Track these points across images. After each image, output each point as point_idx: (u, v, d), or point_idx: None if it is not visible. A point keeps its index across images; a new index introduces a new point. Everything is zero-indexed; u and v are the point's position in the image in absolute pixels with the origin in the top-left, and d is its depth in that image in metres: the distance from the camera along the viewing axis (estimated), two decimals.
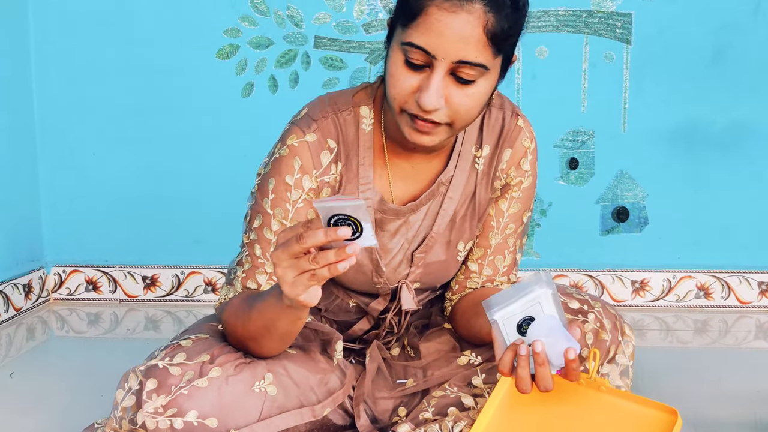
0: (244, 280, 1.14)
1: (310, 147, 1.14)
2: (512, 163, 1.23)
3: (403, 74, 1.03)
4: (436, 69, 1.01)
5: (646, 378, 1.58)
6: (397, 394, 1.21)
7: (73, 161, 2.25)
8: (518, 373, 0.98)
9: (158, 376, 1.02)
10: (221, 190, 2.23)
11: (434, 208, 1.21)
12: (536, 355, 0.97)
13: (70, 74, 2.21)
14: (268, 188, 1.15)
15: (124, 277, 2.29)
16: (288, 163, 1.14)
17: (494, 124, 1.21)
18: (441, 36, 0.99)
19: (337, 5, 2.17)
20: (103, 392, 1.48)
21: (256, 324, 1.04)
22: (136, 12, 2.18)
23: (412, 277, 1.24)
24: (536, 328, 0.98)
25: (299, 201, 1.14)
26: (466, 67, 1.01)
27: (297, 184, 1.14)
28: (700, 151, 2.21)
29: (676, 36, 2.16)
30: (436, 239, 1.22)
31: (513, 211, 1.25)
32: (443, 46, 0.99)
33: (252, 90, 2.21)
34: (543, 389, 0.99)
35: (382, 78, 1.18)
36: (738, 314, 2.22)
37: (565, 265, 2.25)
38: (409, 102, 1.04)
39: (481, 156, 1.22)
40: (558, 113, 2.20)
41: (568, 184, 2.23)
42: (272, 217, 1.14)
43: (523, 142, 1.23)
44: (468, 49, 0.99)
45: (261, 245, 1.14)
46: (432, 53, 1.00)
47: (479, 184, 1.22)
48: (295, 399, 1.10)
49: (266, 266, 1.14)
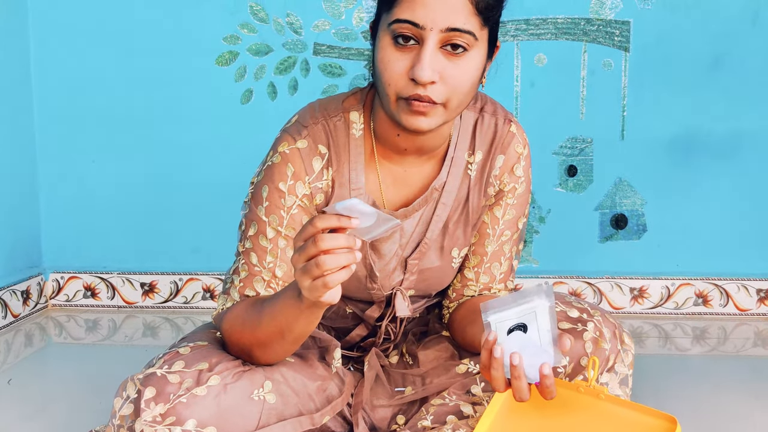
0: (242, 289, 1.14)
1: (302, 153, 1.15)
2: (505, 169, 1.23)
3: (393, 56, 1.03)
4: (427, 41, 1.01)
5: (645, 385, 1.58)
6: (395, 402, 1.21)
7: (72, 167, 2.25)
8: (492, 374, 0.99)
9: (156, 385, 1.02)
10: (220, 198, 2.23)
11: (427, 214, 1.21)
12: (513, 368, 0.97)
13: (69, 81, 2.22)
14: (262, 196, 1.15)
15: (122, 283, 2.28)
16: (281, 170, 1.14)
17: (487, 130, 1.22)
18: (425, 5, 1.00)
19: (337, 12, 2.18)
20: (101, 399, 1.48)
21: (268, 328, 1.03)
22: (135, 19, 2.19)
23: (406, 284, 1.24)
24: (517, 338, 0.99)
25: (293, 207, 1.14)
26: (455, 35, 1.01)
27: (290, 190, 1.14)
28: (698, 159, 2.21)
29: (675, 44, 2.17)
30: (429, 245, 1.22)
31: (508, 218, 1.25)
32: (431, 15, 1.00)
33: (251, 97, 2.21)
34: (518, 399, 0.99)
35: (371, 83, 1.18)
36: (737, 321, 2.22)
37: (563, 272, 2.25)
38: (404, 84, 1.03)
39: (473, 162, 1.22)
40: (556, 121, 2.20)
41: (566, 191, 2.23)
42: (267, 225, 1.14)
43: (516, 148, 1.23)
44: (456, 16, 1.01)
45: (257, 253, 1.14)
46: (420, 23, 1.01)
47: (472, 190, 1.22)
48: (294, 407, 1.10)
49: (263, 274, 1.14)
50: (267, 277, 1.14)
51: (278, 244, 1.14)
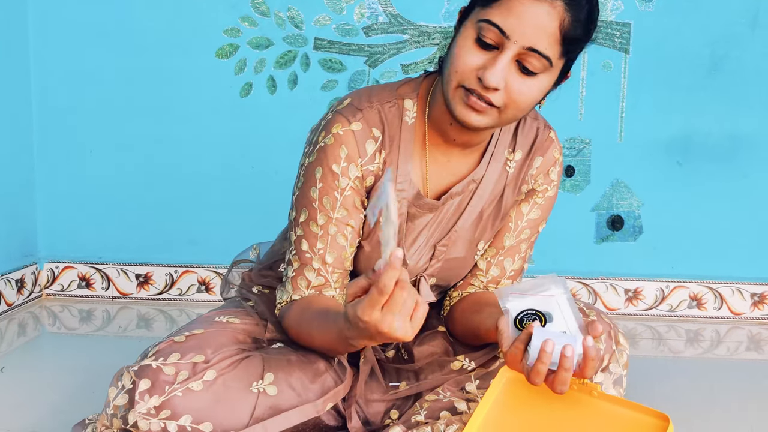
0: (294, 280, 1.17)
1: (356, 135, 1.15)
2: (542, 170, 1.26)
3: (471, 50, 1.05)
4: (505, 51, 1.03)
5: (638, 387, 1.58)
6: (389, 397, 1.21)
7: (69, 158, 2.24)
8: (537, 367, 0.99)
9: (151, 376, 1.02)
10: (217, 190, 2.23)
11: (462, 204, 1.23)
12: (564, 358, 0.98)
13: (68, 71, 2.21)
14: (316, 177, 1.15)
15: (117, 274, 2.28)
16: (334, 152, 1.14)
17: (528, 132, 1.25)
18: (519, 18, 1.02)
19: (338, 8, 2.18)
20: (95, 389, 1.48)
21: (316, 340, 1.12)
22: (135, 11, 2.18)
23: (430, 271, 1.25)
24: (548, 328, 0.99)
25: (347, 189, 1.15)
26: (534, 56, 1.03)
27: (344, 172, 1.15)
28: (695, 162, 2.22)
29: (674, 47, 2.17)
30: (459, 234, 1.24)
31: (532, 217, 1.27)
32: (519, 29, 1.02)
33: (250, 90, 2.21)
34: (559, 391, 1.00)
35: (425, 74, 1.20)
36: (730, 325, 2.22)
37: (559, 273, 2.21)
38: (470, 77, 1.05)
39: (513, 159, 1.24)
40: (555, 121, 2.18)
41: (563, 191, 2.23)
42: (318, 211, 1.15)
43: (554, 153, 1.27)
44: (541, 38, 1.02)
45: (308, 240, 1.15)
46: (507, 33, 1.03)
47: (508, 186, 1.24)
48: (293, 399, 1.10)
49: (314, 261, 1.15)
50: (317, 264, 1.15)
51: (329, 231, 1.15)
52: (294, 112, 2.19)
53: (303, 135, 1.25)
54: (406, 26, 2.18)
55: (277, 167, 2.19)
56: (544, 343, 0.98)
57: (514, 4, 1.02)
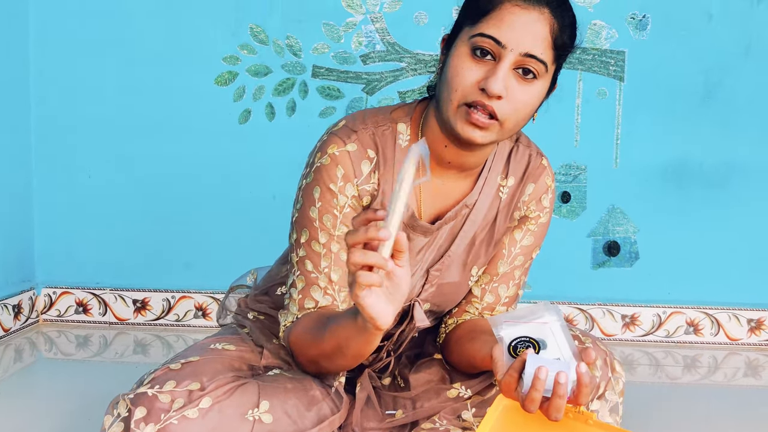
0: (300, 300, 1.16)
1: (351, 156, 1.16)
2: (534, 197, 1.27)
3: (468, 65, 1.07)
4: (504, 60, 1.06)
5: (634, 413, 1.58)
6: (386, 425, 1.21)
7: (68, 183, 2.25)
8: (531, 394, 0.99)
9: (147, 404, 1.02)
10: (215, 216, 2.23)
11: (455, 229, 1.23)
12: (558, 385, 0.98)
13: (68, 94, 2.23)
14: (314, 197, 1.16)
15: (114, 300, 2.28)
16: (330, 172, 1.15)
17: (521, 159, 1.26)
18: (512, 27, 1.05)
19: (336, 36, 2.20)
20: (90, 416, 1.47)
21: (330, 343, 1.07)
22: (137, 34, 2.20)
23: (424, 296, 1.25)
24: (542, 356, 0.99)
25: (345, 207, 1.16)
26: (532, 61, 1.06)
27: (341, 190, 1.16)
28: (690, 188, 2.23)
29: (669, 75, 2.20)
30: (453, 259, 1.24)
31: (525, 243, 1.28)
32: (514, 37, 1.05)
33: (249, 117, 2.23)
34: (554, 418, 1.00)
35: (418, 100, 1.22)
36: (727, 351, 2.22)
37: (555, 298, 2.26)
38: (472, 91, 1.07)
39: (505, 185, 1.25)
40: (551, 147, 2.18)
41: (560, 217, 2.24)
42: (319, 230, 1.15)
43: (546, 180, 1.28)
44: (536, 44, 1.06)
45: (312, 260, 1.16)
46: (502, 42, 1.05)
47: (500, 212, 1.25)
48: (289, 427, 1.10)
49: (320, 280, 1.15)
50: (323, 283, 1.15)
51: (331, 248, 1.15)
52: (292, 138, 2.20)
53: (301, 161, 1.26)
54: (403, 54, 2.20)
55: (275, 192, 2.21)
56: (537, 370, 0.98)
57: (504, 15, 1.05)
